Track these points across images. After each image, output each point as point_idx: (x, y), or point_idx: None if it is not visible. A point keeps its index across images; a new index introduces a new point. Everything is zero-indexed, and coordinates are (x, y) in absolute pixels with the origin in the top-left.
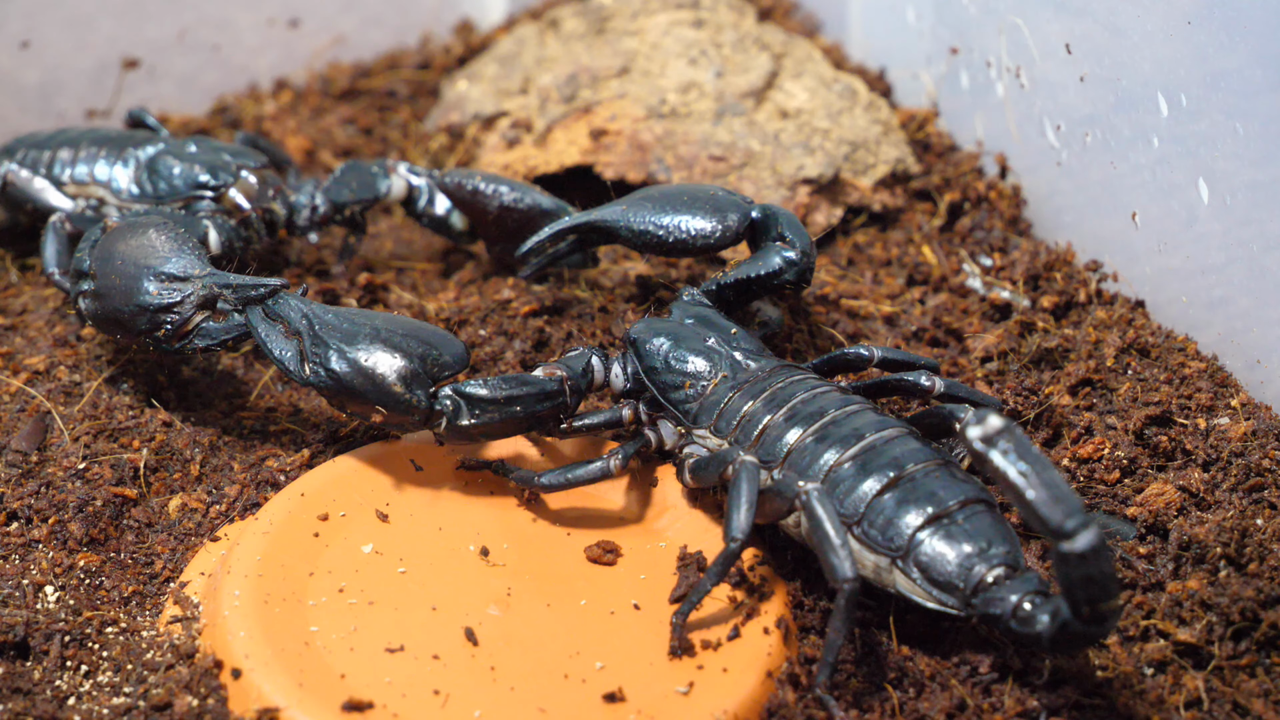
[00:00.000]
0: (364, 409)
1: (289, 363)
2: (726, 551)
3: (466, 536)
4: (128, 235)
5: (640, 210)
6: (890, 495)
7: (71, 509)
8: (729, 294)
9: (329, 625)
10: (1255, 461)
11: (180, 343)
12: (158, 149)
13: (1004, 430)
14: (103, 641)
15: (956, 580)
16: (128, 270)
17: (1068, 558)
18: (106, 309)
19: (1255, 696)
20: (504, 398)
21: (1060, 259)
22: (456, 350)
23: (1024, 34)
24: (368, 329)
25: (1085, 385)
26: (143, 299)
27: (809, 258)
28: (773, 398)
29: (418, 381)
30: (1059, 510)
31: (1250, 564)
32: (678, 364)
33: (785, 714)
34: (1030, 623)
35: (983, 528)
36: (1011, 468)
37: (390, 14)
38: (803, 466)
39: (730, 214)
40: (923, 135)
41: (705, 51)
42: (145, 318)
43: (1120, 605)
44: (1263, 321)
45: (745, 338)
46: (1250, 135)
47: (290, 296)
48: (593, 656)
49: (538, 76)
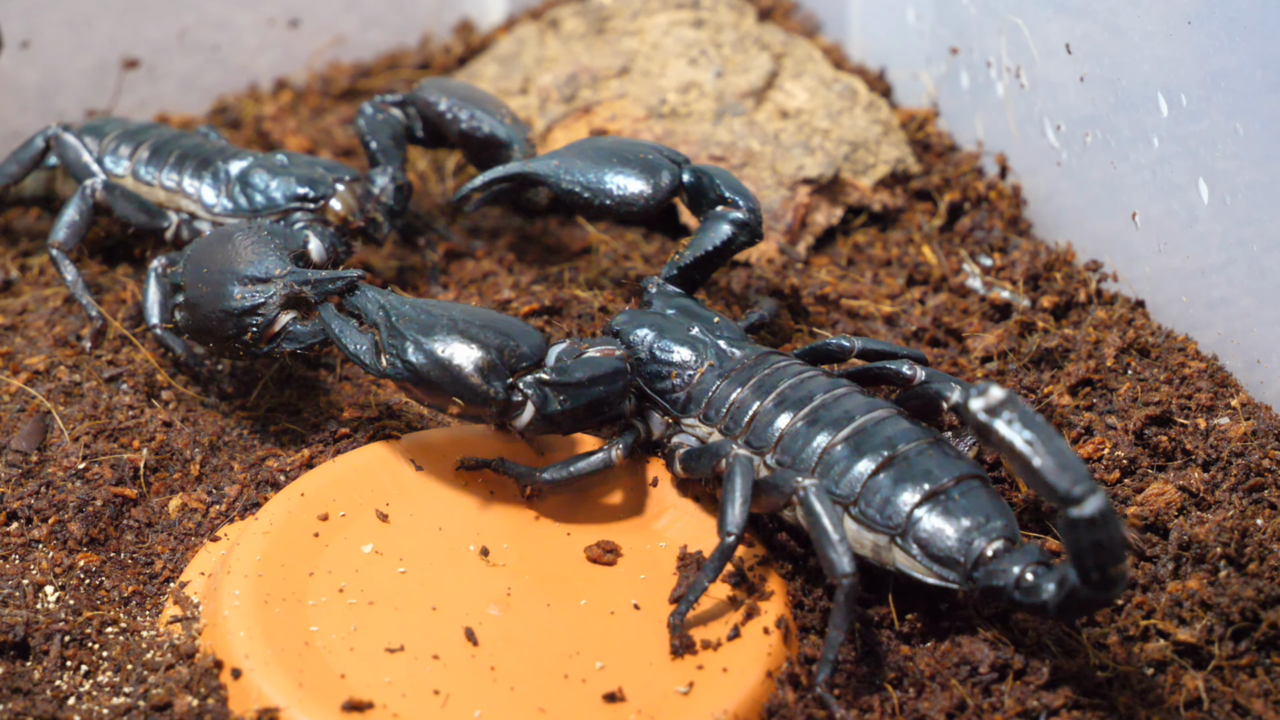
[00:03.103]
0: (441, 400)
1: (364, 356)
2: (722, 546)
3: (466, 536)
4: (214, 244)
5: (572, 168)
6: (885, 475)
7: (71, 509)
8: (693, 273)
9: (329, 625)
10: (1255, 461)
11: (269, 345)
12: (247, 163)
13: (1007, 400)
14: (103, 641)
15: (957, 555)
16: (214, 278)
17: (1077, 523)
18: (197, 319)
19: (1255, 696)
20: (587, 379)
21: (1060, 259)
22: (535, 341)
23: (1024, 34)
24: (445, 320)
25: (1085, 385)
26: (228, 303)
27: (756, 214)
28: (760, 384)
29: (495, 373)
30: (1067, 477)
31: (1250, 564)
32: (663, 354)
33: (785, 714)
34: (1035, 592)
35: (980, 503)
36: (1017, 437)
37: (390, 14)
38: (795, 450)
39: (662, 176)
40: (923, 135)
41: (705, 51)
42: (232, 322)
43: (1127, 570)
44: (1263, 321)
45: (728, 326)
46: (1250, 135)
47: (368, 288)
48: (593, 656)
49: (538, 76)
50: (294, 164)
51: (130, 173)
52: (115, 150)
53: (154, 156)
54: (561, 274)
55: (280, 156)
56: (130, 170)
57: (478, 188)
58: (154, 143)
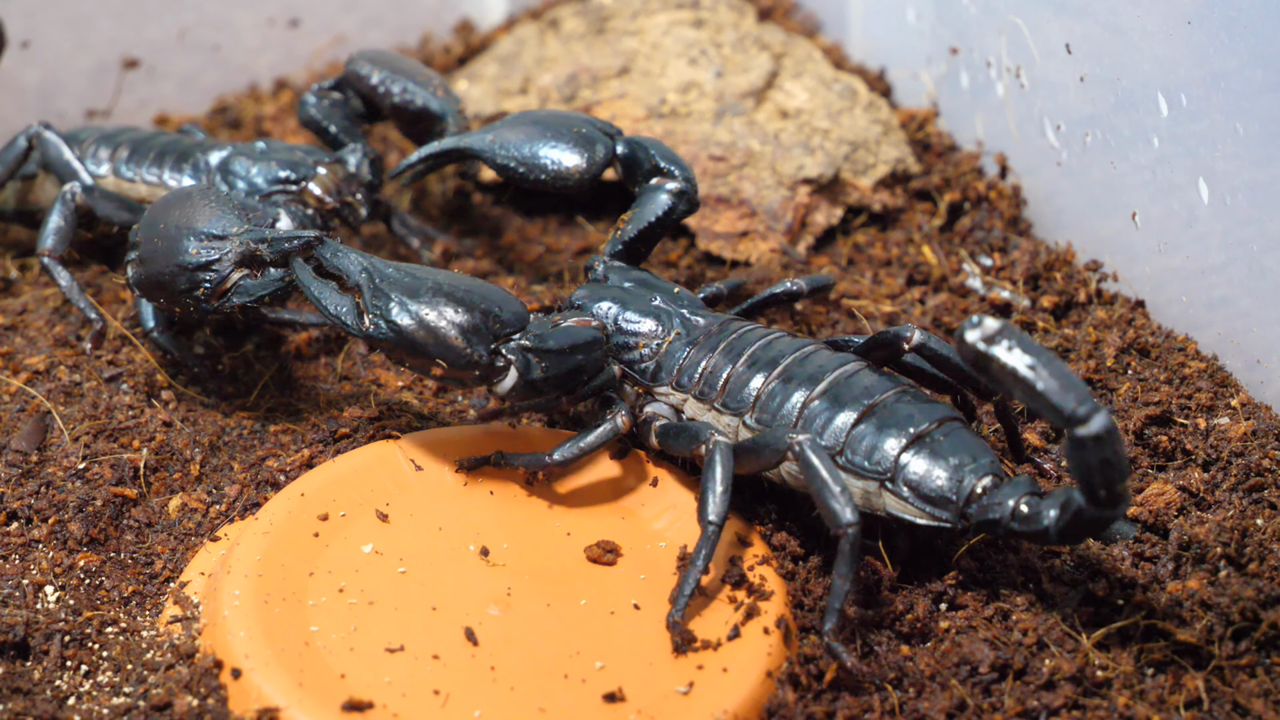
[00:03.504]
0: (424, 363)
1: (345, 317)
2: (705, 535)
3: (466, 536)
4: (172, 203)
5: (506, 143)
6: (867, 423)
7: (71, 509)
8: (637, 245)
9: (329, 625)
10: (1255, 461)
11: (219, 301)
12: (227, 152)
13: (1003, 328)
14: (103, 641)
15: (949, 493)
16: (169, 233)
17: (1084, 442)
18: (149, 273)
19: (1255, 696)
20: (567, 347)
21: (1060, 259)
22: (517, 309)
23: (1024, 34)
24: (430, 283)
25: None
26: (182, 258)
27: (692, 183)
28: (730, 348)
29: (479, 336)
30: (1071, 397)
31: (1250, 564)
32: (629, 325)
33: (785, 714)
34: (1035, 520)
35: (964, 442)
36: (1019, 361)
37: (390, 14)
38: (774, 409)
39: (596, 149)
40: (923, 135)
41: (705, 51)
42: (185, 277)
43: (1129, 488)
44: (1263, 321)
45: (688, 296)
46: (1250, 135)
47: (350, 250)
48: (593, 656)
49: (538, 76)
50: (273, 150)
51: (112, 171)
52: (95, 154)
53: (133, 155)
54: (561, 274)
55: (259, 144)
56: (111, 169)
57: (413, 164)
58: (132, 142)
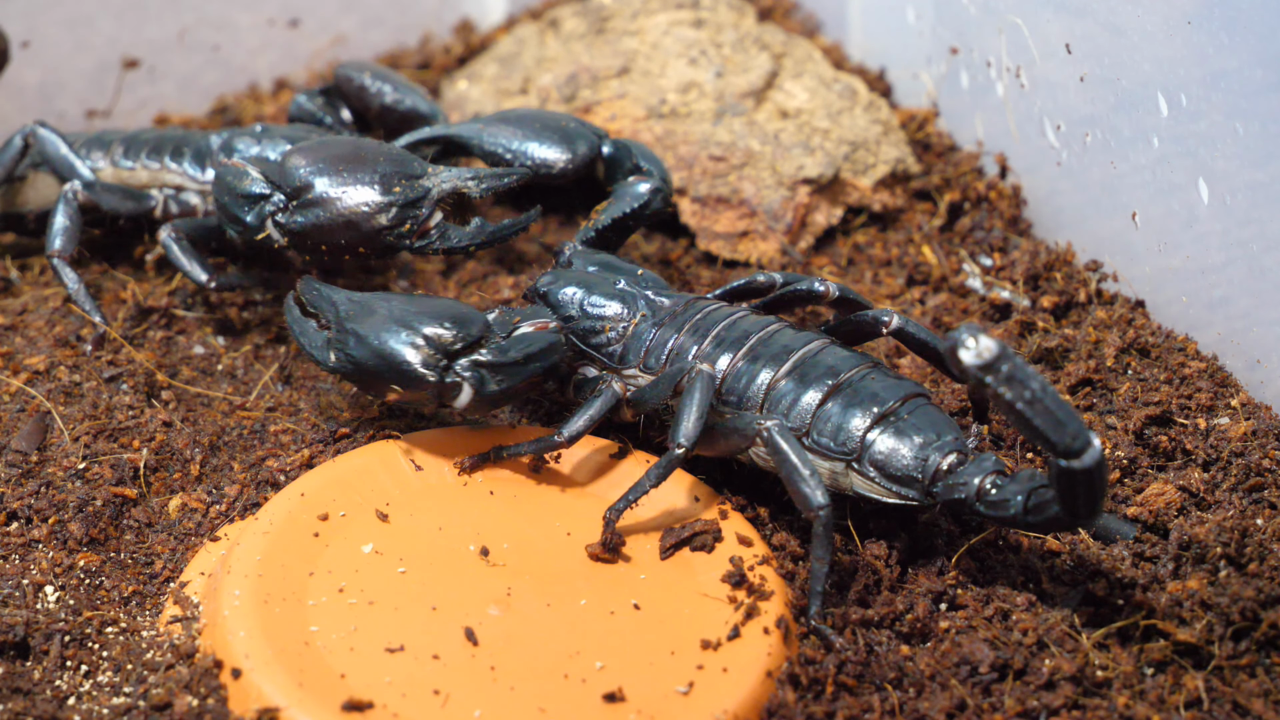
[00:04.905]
0: (380, 388)
1: (317, 352)
2: (670, 455)
3: (466, 536)
4: (344, 146)
5: (495, 133)
6: (833, 402)
7: (71, 509)
8: (609, 235)
9: (329, 625)
10: (1255, 461)
11: (422, 241)
12: (225, 136)
13: (1000, 354)
14: (103, 641)
15: (914, 472)
16: (359, 173)
17: (1074, 474)
18: (334, 213)
19: (1255, 696)
20: (523, 358)
21: (1060, 259)
22: (470, 323)
23: (1024, 34)
24: (383, 311)
25: (1085, 385)
26: (387, 196)
27: (668, 183)
28: (695, 328)
29: (431, 359)
30: (1066, 432)
31: (1250, 564)
32: (594, 309)
33: (785, 714)
34: (1002, 506)
35: (929, 419)
36: (1015, 394)
37: (390, 14)
38: (740, 389)
39: (580, 144)
40: (923, 135)
41: (705, 51)
42: (387, 214)
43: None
44: (1263, 321)
45: (651, 277)
46: (1250, 135)
47: (321, 286)
48: (593, 656)
49: (538, 76)
50: (272, 130)
51: (110, 163)
52: (88, 154)
53: (129, 149)
54: None
55: (256, 126)
56: (110, 162)
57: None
58: (125, 139)
